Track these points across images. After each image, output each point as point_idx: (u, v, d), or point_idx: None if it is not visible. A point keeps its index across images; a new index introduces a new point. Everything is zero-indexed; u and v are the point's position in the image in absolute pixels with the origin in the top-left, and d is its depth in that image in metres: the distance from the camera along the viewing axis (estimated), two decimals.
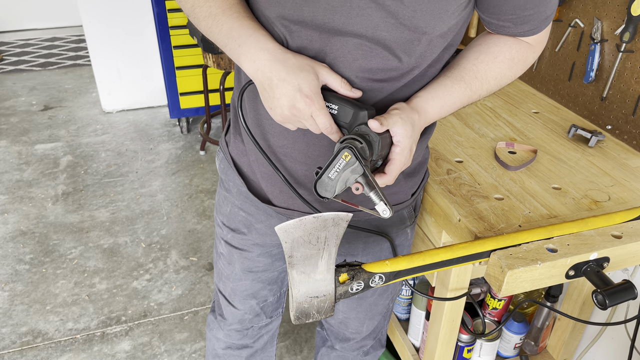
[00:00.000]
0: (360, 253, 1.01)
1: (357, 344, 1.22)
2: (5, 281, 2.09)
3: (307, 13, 0.70)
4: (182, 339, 1.86)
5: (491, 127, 1.28)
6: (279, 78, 0.70)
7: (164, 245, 2.30)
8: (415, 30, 0.70)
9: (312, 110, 0.70)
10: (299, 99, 0.69)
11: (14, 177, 2.77)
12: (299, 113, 0.70)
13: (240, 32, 0.72)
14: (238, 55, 0.73)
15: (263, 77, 0.71)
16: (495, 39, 0.82)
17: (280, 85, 0.69)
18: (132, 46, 3.32)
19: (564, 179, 1.06)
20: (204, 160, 2.96)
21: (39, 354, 1.79)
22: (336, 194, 0.72)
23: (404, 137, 0.73)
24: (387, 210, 0.71)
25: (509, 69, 0.82)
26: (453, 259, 0.76)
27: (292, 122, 0.73)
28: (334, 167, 0.70)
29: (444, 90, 0.79)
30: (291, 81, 0.69)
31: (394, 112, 0.74)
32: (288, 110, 0.70)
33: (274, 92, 0.70)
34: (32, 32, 5.07)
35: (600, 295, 0.73)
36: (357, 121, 0.72)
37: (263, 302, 1.14)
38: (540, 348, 1.48)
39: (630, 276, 1.24)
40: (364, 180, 0.70)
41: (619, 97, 1.22)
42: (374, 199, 0.71)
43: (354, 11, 0.69)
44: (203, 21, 0.75)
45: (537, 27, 0.78)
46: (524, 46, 0.82)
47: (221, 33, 0.74)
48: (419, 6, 0.68)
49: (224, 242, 1.06)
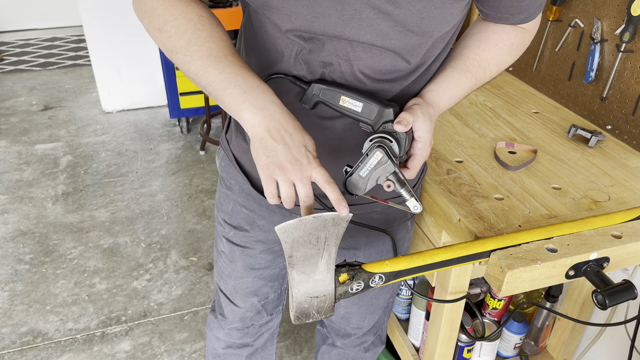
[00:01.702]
0: (363, 247, 1.02)
1: (358, 340, 1.23)
2: (5, 281, 2.09)
3: (318, 28, 0.71)
4: (182, 339, 1.86)
5: (491, 127, 1.28)
6: (287, 130, 0.68)
7: (164, 245, 2.30)
8: (423, 35, 0.72)
9: (311, 169, 0.68)
10: (303, 155, 0.68)
11: (14, 177, 2.77)
12: (297, 168, 0.67)
13: (246, 80, 0.70)
14: (241, 102, 0.69)
15: (270, 125, 0.68)
16: (493, 26, 0.85)
17: (287, 137, 0.67)
18: (132, 46, 3.32)
19: (564, 179, 1.06)
20: (204, 160, 2.96)
21: (39, 354, 1.79)
22: (366, 191, 0.73)
23: (425, 132, 0.75)
24: (419, 205, 0.73)
25: (508, 55, 0.86)
26: (453, 259, 0.76)
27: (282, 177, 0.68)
28: (366, 165, 0.71)
29: (453, 83, 0.81)
30: (298, 137, 0.68)
31: (416, 107, 0.75)
32: (289, 162, 0.67)
33: (277, 143, 0.67)
34: (32, 32, 5.07)
35: (600, 295, 0.73)
36: (382, 118, 0.74)
37: (264, 299, 1.14)
38: (540, 348, 1.48)
39: (630, 276, 1.24)
40: (395, 178, 0.72)
41: (619, 97, 1.22)
42: (405, 195, 0.73)
43: (364, 22, 0.70)
44: (199, 60, 0.71)
45: (532, 14, 0.82)
46: (521, 32, 0.85)
47: (221, 76, 0.70)
48: (426, 12, 0.69)
49: (226, 239, 1.06)
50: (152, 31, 0.75)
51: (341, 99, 0.75)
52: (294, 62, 0.77)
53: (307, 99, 0.77)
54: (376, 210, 0.97)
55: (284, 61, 0.77)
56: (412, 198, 0.73)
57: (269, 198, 0.71)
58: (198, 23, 0.72)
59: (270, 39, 0.77)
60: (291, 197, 0.69)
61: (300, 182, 0.68)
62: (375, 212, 0.97)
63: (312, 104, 0.77)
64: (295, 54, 0.76)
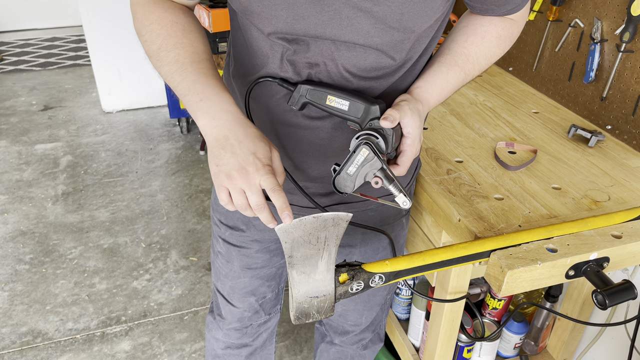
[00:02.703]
0: (359, 244, 1.03)
1: (357, 337, 1.23)
2: (5, 281, 2.09)
3: (299, 30, 0.71)
4: (182, 339, 1.86)
5: (491, 127, 1.28)
6: (236, 139, 0.68)
7: (164, 245, 2.30)
8: (405, 31, 0.72)
9: (261, 174, 0.67)
10: (251, 162, 0.66)
11: (14, 177, 2.77)
12: (244, 176, 0.67)
13: (205, 87, 0.71)
14: (196, 109, 0.70)
15: (219, 134, 0.68)
16: (480, 19, 0.84)
17: (236, 146, 0.67)
18: (132, 46, 3.32)
19: (564, 179, 1.06)
20: (204, 160, 2.96)
21: (39, 354, 1.79)
22: (355, 189, 0.73)
23: (413, 128, 0.75)
24: (407, 201, 0.73)
25: (497, 47, 0.85)
26: (453, 259, 0.76)
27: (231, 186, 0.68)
28: (352, 163, 0.71)
29: (442, 78, 0.81)
30: (247, 145, 0.67)
31: (403, 103, 0.75)
32: (236, 171, 0.66)
33: (225, 151, 0.67)
34: (32, 32, 5.07)
35: (600, 295, 0.73)
36: (369, 116, 0.74)
37: (262, 298, 1.14)
38: (540, 348, 1.48)
39: (630, 276, 1.24)
40: (383, 174, 0.72)
41: (618, 97, 1.22)
42: (393, 191, 0.73)
43: (344, 22, 0.70)
44: (167, 65, 0.73)
45: (519, 4, 0.81)
46: (509, 23, 0.84)
47: (183, 83, 0.72)
48: (406, 8, 0.69)
49: (222, 240, 1.07)
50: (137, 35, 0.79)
51: (328, 99, 0.75)
52: (280, 64, 0.77)
53: (295, 100, 0.77)
54: (371, 208, 0.97)
55: (270, 64, 0.78)
56: (401, 194, 0.73)
57: (224, 205, 0.70)
58: (170, 29, 0.75)
59: (255, 43, 0.77)
60: (243, 205, 0.68)
61: (249, 190, 0.67)
62: (370, 210, 0.97)
63: (300, 105, 0.77)
64: (280, 56, 0.76)
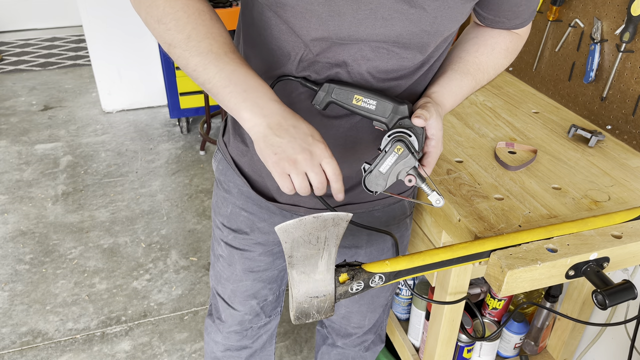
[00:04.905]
0: (365, 245, 1.02)
1: (359, 339, 1.23)
2: (5, 281, 2.09)
3: (332, 26, 0.70)
4: (182, 339, 1.86)
5: (491, 127, 1.28)
6: (290, 124, 0.67)
7: (164, 245, 2.30)
8: (434, 34, 0.73)
9: (325, 156, 0.67)
10: (313, 144, 0.67)
11: (14, 177, 2.77)
12: (310, 158, 0.67)
13: (246, 78, 0.69)
14: (241, 100, 0.68)
15: (272, 122, 0.67)
16: (490, 31, 0.87)
17: (292, 130, 0.67)
18: (132, 46, 3.32)
19: (564, 179, 1.06)
20: (204, 160, 2.96)
21: (39, 354, 1.79)
22: (386, 188, 0.73)
23: (437, 129, 0.76)
24: (441, 199, 0.73)
25: (504, 58, 0.88)
26: (453, 259, 0.76)
27: (295, 170, 0.68)
28: (386, 161, 0.71)
29: (455, 84, 0.83)
30: (303, 128, 0.67)
31: (429, 104, 0.76)
32: (297, 153, 0.66)
33: (282, 137, 0.66)
34: (32, 32, 5.07)
35: (600, 295, 0.73)
36: (397, 115, 0.74)
37: (263, 301, 1.14)
38: (540, 348, 1.48)
39: (630, 276, 1.24)
40: (416, 172, 0.72)
41: (618, 97, 1.22)
42: (426, 190, 0.73)
43: (378, 22, 0.70)
44: (198, 56, 0.69)
45: (526, 19, 0.85)
46: (515, 37, 0.88)
47: (221, 74, 0.68)
48: (440, 12, 0.70)
49: (224, 243, 1.06)
50: (150, 22, 0.72)
51: (354, 98, 0.74)
52: (300, 63, 0.76)
53: (319, 100, 0.75)
54: (377, 209, 0.97)
55: (289, 62, 0.76)
56: (434, 192, 0.73)
57: (287, 192, 0.70)
58: (199, 18, 0.71)
59: (275, 41, 0.76)
60: (306, 188, 0.69)
61: (312, 172, 0.68)
62: (376, 211, 0.97)
63: (324, 104, 0.76)
64: (301, 55, 0.75)
